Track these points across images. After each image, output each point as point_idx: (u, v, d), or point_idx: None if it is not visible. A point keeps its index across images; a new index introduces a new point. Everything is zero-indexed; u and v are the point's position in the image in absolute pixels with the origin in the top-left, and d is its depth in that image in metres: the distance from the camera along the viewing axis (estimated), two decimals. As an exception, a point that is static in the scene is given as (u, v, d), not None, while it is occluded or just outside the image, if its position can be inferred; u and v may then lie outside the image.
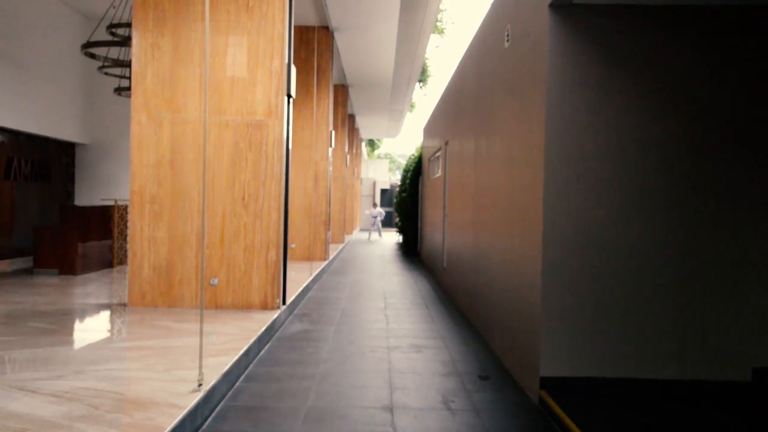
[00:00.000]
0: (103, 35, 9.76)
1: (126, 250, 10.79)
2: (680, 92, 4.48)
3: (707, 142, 4.49)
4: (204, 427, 3.84)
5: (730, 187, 4.49)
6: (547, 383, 4.39)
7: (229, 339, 5.49)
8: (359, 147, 29.98)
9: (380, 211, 25.68)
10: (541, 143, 4.52)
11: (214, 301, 6.87)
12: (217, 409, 4.16)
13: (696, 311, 4.47)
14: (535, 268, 4.57)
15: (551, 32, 4.44)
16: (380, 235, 26.01)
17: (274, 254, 6.91)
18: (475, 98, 7.56)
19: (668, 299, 4.47)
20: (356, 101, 20.79)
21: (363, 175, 35.28)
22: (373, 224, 25.53)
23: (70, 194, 12.53)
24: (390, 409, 4.24)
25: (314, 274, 10.55)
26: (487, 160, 6.67)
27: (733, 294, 4.49)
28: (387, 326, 7.14)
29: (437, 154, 12.41)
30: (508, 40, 5.68)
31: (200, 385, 4.01)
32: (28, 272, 9.85)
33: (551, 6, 4.41)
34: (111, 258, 10.78)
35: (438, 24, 20.89)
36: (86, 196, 12.55)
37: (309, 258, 12.67)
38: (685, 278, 4.48)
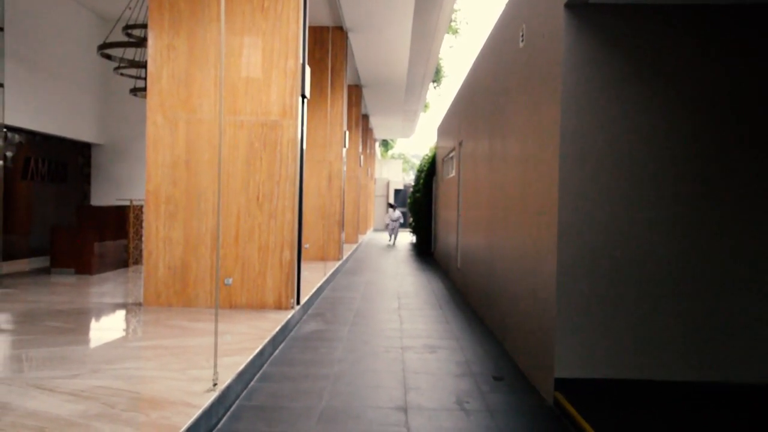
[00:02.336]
0: (119, 36, 9.85)
1: (141, 250, 10.86)
2: (695, 91, 4.43)
3: (724, 142, 4.43)
4: (219, 426, 3.86)
5: (748, 187, 4.43)
6: (561, 384, 4.36)
7: (244, 339, 5.51)
8: (373, 147, 30.00)
9: (399, 215, 21.98)
10: (556, 142, 4.48)
11: (228, 301, 6.90)
12: (232, 408, 4.18)
13: (712, 312, 4.42)
14: (550, 268, 4.54)
15: (566, 32, 4.41)
16: (394, 242, 22.20)
17: (289, 254, 6.93)
18: (490, 98, 7.53)
19: (684, 300, 4.41)
20: (370, 101, 20.80)
21: (377, 175, 35.32)
22: (389, 227, 22.09)
23: (86, 194, 12.66)
24: (404, 410, 4.23)
25: (328, 274, 10.57)
26: (501, 160, 6.64)
27: (750, 295, 4.42)
28: (401, 326, 7.13)
29: (451, 155, 12.38)
30: (522, 40, 5.65)
31: (215, 384, 4.03)
32: (45, 272, 9.96)
33: (567, 6, 4.38)
34: (126, 258, 10.88)
35: (452, 24, 20.83)
36: (102, 197, 12.67)
37: (323, 258, 12.70)
38: (701, 279, 4.42)
